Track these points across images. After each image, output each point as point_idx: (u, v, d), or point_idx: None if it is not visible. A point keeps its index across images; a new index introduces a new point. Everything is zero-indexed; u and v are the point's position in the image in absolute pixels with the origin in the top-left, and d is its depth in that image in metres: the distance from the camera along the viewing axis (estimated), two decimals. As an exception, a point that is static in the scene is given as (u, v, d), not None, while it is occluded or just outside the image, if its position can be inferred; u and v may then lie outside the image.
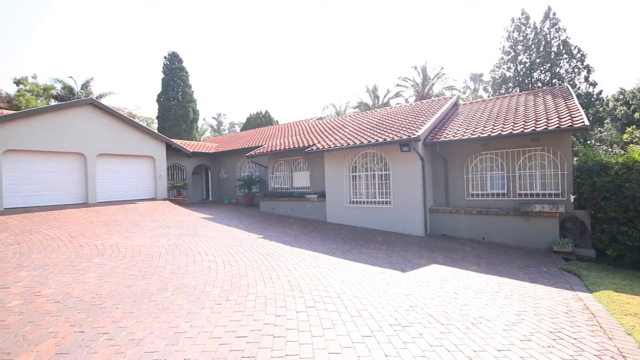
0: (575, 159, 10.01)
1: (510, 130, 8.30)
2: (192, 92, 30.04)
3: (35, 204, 11.43)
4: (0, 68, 47.98)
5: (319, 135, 13.62)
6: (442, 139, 9.36)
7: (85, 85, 27.13)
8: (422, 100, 15.00)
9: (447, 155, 9.88)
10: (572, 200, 8.00)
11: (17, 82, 25.93)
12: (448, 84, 29.51)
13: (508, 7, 59.33)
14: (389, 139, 9.32)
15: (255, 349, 2.90)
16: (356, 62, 77.42)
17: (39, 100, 25.73)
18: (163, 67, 29.40)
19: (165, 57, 29.48)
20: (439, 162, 10.06)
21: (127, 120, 14.25)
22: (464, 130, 9.51)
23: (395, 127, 10.71)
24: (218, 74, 79.52)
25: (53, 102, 25.58)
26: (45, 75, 46.42)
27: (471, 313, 3.92)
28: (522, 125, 8.39)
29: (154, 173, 15.00)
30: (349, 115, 18.21)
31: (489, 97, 33.34)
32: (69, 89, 26.57)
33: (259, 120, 31.08)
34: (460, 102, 14.52)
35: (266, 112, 32.06)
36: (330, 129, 14.44)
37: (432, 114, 11.03)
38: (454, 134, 9.41)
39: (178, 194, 16.52)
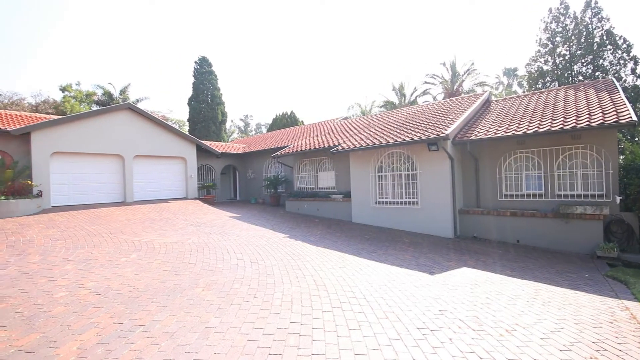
0: (621, 157, 9.28)
1: (548, 127, 7.83)
2: (221, 94, 30.97)
3: (78, 202, 12.28)
4: (48, 76, 52.06)
5: (345, 135, 13.57)
6: (473, 137, 9.01)
7: (123, 91, 28.79)
8: (451, 98, 14.52)
9: (478, 154, 9.50)
10: (618, 201, 7.42)
11: (63, 89, 27.98)
12: (479, 80, 28.30)
13: (545, -3, 56.04)
14: (416, 138, 9.11)
15: (282, 346, 2.94)
16: (382, 60, 76.39)
17: (82, 106, 27.61)
18: (194, 72, 30.55)
19: (195, 62, 30.62)
20: (469, 161, 9.70)
21: (160, 123, 14.96)
22: (497, 127, 9.10)
23: (423, 125, 10.45)
24: (245, 76, 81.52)
25: (95, 107, 27.37)
26: (88, 81, 49.82)
27: (505, 319, 3.74)
28: (562, 122, 7.89)
29: (185, 173, 15.63)
30: (375, 115, 18.00)
31: (524, 92, 31.70)
32: (108, 95, 28.31)
33: (285, 121, 31.48)
34: (493, 98, 13.89)
35: (292, 112, 32.41)
36: (355, 129, 14.35)
37: (462, 112, 10.65)
38: (485, 132, 9.03)
39: (207, 193, 17.10)
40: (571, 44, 19.20)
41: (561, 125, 7.67)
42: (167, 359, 2.71)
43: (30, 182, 10.86)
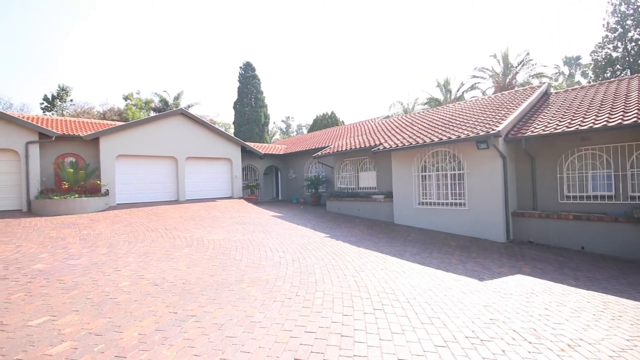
0: None
1: (620, 121, 6.95)
2: (264, 97, 32.05)
3: (139, 200, 13.47)
4: (113, 87, 57.86)
5: (386, 135, 13.30)
6: (529, 133, 8.31)
7: (176, 98, 31.05)
8: (503, 92, 13.52)
9: (534, 152, 8.75)
10: None
11: (125, 98, 30.89)
12: (535, 71, 25.97)
13: (615, -25, 49.92)
14: (463, 136, 8.63)
15: (323, 345, 2.95)
16: (426, 56, 73.66)
17: (142, 112, 30.25)
18: (239, 77, 31.97)
19: (240, 67, 32.02)
20: (524, 159, 8.97)
21: (209, 127, 15.89)
22: (557, 122, 8.30)
23: (471, 122, 9.88)
24: (286, 78, 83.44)
25: (152, 114, 29.84)
26: (146, 90, 54.55)
27: (567, 333, 3.40)
28: (636, 114, 6.96)
29: (231, 174, 16.41)
30: (418, 113, 17.39)
31: (589, 82, 28.60)
32: (164, 102, 30.72)
33: (325, 122, 31.69)
34: (552, 90, 12.69)
35: (332, 113, 32.53)
36: (397, 128, 13.99)
37: (516, 106, 9.88)
38: (543, 128, 8.28)
39: (251, 193, 17.79)
40: (647, 26, 16.91)
41: (635, 118, 6.77)
42: (216, 349, 2.86)
43: (99, 182, 12.15)
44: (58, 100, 30.55)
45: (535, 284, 5.21)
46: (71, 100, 31.53)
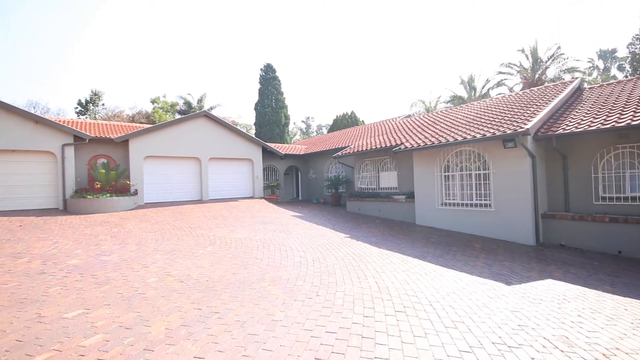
0: None
1: (662, 117, 6.48)
2: (284, 98, 32.37)
3: (165, 199, 13.97)
4: (141, 91, 60.35)
5: (407, 134, 13.08)
6: (560, 131, 7.91)
7: (200, 100, 31.98)
8: (532, 88, 12.94)
9: (566, 151, 8.32)
10: None
11: (153, 101, 32.15)
12: (567, 66, 24.70)
13: (656, -40, 46.53)
14: (489, 134, 8.34)
15: (344, 346, 2.94)
16: (448, 53, 71.81)
17: (167, 115, 31.37)
18: (259, 78, 32.46)
19: (261, 69, 32.50)
20: (555, 158, 8.55)
21: (231, 128, 16.24)
22: (592, 119, 7.85)
23: (497, 120, 9.53)
24: (306, 78, 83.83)
25: (177, 116, 30.87)
26: (171, 93, 56.53)
27: (602, 342, 3.20)
28: (682, 109, 6.47)
29: (252, 174, 16.69)
30: (441, 111, 16.98)
31: (626, 77, 26.91)
32: (188, 104, 31.72)
33: (345, 122, 31.61)
34: (585, 85, 12.03)
35: (352, 112, 32.40)
36: (419, 127, 13.73)
37: (546, 103, 9.43)
38: (576, 125, 7.85)
39: (272, 193, 18.01)
40: (695, 13, 15.63)
41: (682, 114, 6.29)
42: (238, 346, 2.92)
43: (128, 182, 12.71)
44: (91, 104, 32.24)
45: (567, 289, 4.95)
46: (103, 104, 33.19)
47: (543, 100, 10.01)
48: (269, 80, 31.89)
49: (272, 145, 18.82)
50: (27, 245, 6.91)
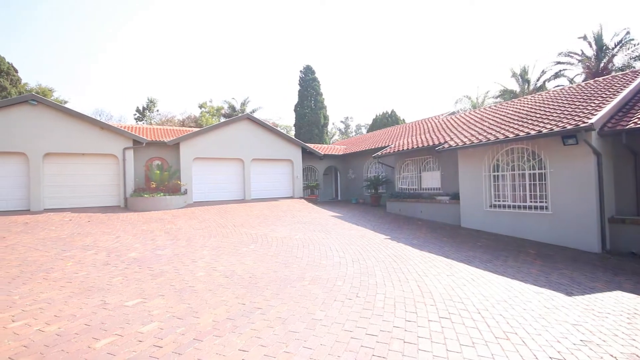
0: None
1: None
2: (323, 99, 32.58)
3: (211, 199, 14.77)
4: (190, 96, 64.46)
5: (451, 132, 12.48)
6: (632, 125, 7.03)
7: (243, 104, 33.38)
8: (596, 79, 11.66)
9: (639, 148, 7.38)
10: None
11: (200, 106, 34.18)
12: (638, 52, 21.88)
13: None
14: (545, 130, 7.66)
15: (385, 350, 2.88)
16: (498, 44, 67.33)
17: (214, 119, 33.17)
18: (299, 80, 33.01)
19: (300, 71, 33.04)
20: (625, 156, 7.63)
21: (272, 130, 16.72)
22: (671, 111, 6.87)
23: (555, 115, 8.72)
24: (345, 78, 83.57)
25: (222, 119, 32.53)
26: (217, 97, 59.73)
27: (689, 367, 2.79)
28: None
29: (292, 174, 17.03)
30: (489, 107, 15.96)
31: None
32: (232, 108, 33.27)
33: (385, 121, 31.02)
34: (663, 73, 10.56)
35: (392, 111, 31.71)
36: (465, 124, 13.03)
37: (614, 94, 8.45)
38: (651, 118, 6.93)
39: (311, 193, 18.21)
40: None
41: None
42: (280, 342, 2.99)
43: (179, 182, 13.63)
44: (147, 111, 35.14)
45: (639, 302, 4.39)
46: (157, 110, 36.02)
47: (610, 91, 8.97)
48: (308, 82, 32.31)
49: (311, 145, 19.04)
50: (94, 239, 7.70)
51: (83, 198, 12.32)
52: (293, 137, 24.57)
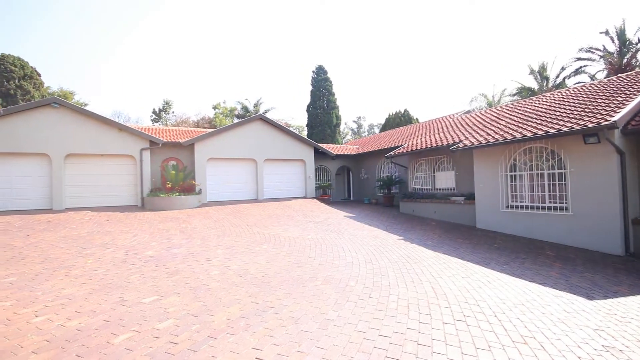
0: None
1: None
2: (335, 99, 32.53)
3: (224, 198, 14.96)
4: (204, 97, 65.54)
5: (466, 131, 12.24)
6: (657, 123, 6.73)
7: (256, 105, 33.68)
8: (619, 75, 11.21)
9: (666, 146, 7.06)
10: None
11: (214, 107, 34.70)
12: (665, 47, 20.91)
13: None
14: (565, 129, 7.42)
15: (399, 351, 2.85)
16: (515, 40, 65.64)
17: (227, 119, 33.62)
18: (311, 80, 33.07)
19: (313, 71, 33.08)
20: (650, 155, 7.30)
21: (284, 130, 16.80)
22: (701, 108, 6.55)
23: (575, 112, 8.44)
24: (357, 78, 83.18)
25: (235, 120, 32.92)
26: (230, 98, 60.45)
27: None
28: None
29: (305, 174, 17.07)
30: (506, 105, 15.58)
31: None
32: (245, 108, 33.62)
33: (398, 120, 30.70)
34: (692, 68, 10.06)
35: (405, 111, 31.37)
36: (480, 123, 12.76)
37: (638, 91, 8.11)
38: (680, 115, 6.62)
39: (324, 193, 18.21)
40: None
41: None
42: (293, 341, 3.00)
43: (194, 182, 13.87)
44: (163, 112, 35.92)
45: (669, 309, 4.19)
46: (173, 112, 36.78)
47: (634, 88, 8.62)
48: (320, 82, 32.33)
49: (323, 145, 19.04)
50: (113, 237, 7.93)
51: (102, 197, 12.69)
52: (305, 137, 24.63)
